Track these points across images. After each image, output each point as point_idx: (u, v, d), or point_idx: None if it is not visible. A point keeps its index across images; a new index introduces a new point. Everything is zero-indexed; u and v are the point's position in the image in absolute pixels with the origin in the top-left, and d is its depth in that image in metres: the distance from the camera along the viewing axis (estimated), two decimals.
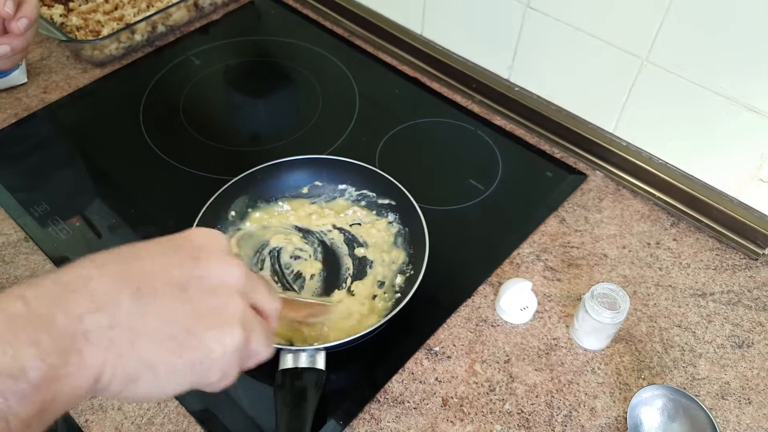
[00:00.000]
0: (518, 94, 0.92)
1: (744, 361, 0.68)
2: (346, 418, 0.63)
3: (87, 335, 0.33)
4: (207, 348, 0.36)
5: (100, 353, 0.33)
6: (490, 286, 0.74)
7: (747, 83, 0.69)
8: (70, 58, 1.01)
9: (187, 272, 0.37)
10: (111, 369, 0.34)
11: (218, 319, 0.37)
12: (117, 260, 0.36)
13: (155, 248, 0.38)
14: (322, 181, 0.80)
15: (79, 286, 0.34)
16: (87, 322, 0.33)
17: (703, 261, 0.77)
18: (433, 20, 0.97)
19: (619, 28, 0.76)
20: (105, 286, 0.34)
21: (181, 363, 0.35)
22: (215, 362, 0.37)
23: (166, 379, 0.35)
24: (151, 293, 0.35)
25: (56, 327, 0.32)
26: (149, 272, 0.36)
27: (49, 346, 0.31)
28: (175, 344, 0.35)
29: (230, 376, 0.39)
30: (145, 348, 0.34)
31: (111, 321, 0.34)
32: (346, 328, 0.68)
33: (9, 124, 0.90)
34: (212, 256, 0.38)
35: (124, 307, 0.34)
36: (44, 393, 0.31)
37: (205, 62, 1.02)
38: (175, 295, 0.36)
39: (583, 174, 0.86)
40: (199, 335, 0.36)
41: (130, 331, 0.34)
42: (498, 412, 0.64)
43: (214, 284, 0.38)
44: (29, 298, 0.32)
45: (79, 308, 0.33)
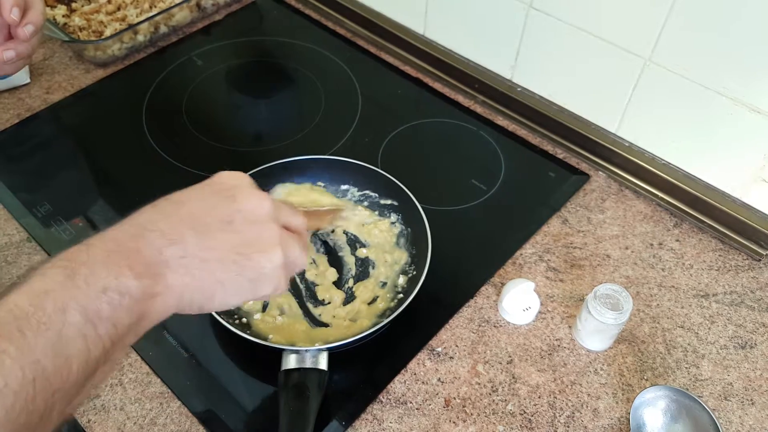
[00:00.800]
0: (521, 94, 0.91)
1: (747, 362, 0.68)
2: (349, 419, 0.63)
3: (167, 263, 0.41)
4: (259, 266, 0.44)
5: (179, 278, 0.41)
6: (493, 287, 0.74)
7: (750, 84, 0.69)
8: (72, 58, 1.02)
9: (228, 209, 0.45)
10: (191, 289, 0.42)
11: (262, 243, 0.45)
12: (170, 207, 0.44)
13: (197, 194, 0.46)
14: (324, 182, 0.80)
15: (151, 227, 0.42)
16: (165, 254, 0.41)
17: (706, 262, 0.77)
18: (435, 20, 0.96)
19: (622, 28, 0.76)
20: (170, 226, 0.42)
21: (242, 279, 0.44)
22: (267, 277, 0.45)
23: (234, 292, 0.44)
24: (206, 229, 0.43)
25: (144, 256, 0.40)
26: (197, 213, 0.44)
27: (142, 270, 0.39)
28: (236, 266, 0.43)
29: (282, 286, 0.46)
30: (214, 270, 0.42)
31: (182, 253, 0.41)
32: (348, 328, 0.68)
33: (12, 124, 0.91)
34: (243, 193, 0.46)
35: (190, 241, 0.42)
36: (141, 306, 0.39)
37: (208, 63, 1.03)
38: (224, 228, 0.44)
39: (586, 174, 0.86)
40: (252, 257, 0.44)
41: (198, 259, 0.42)
42: (501, 413, 0.64)
43: (252, 216, 0.45)
44: (117, 237, 0.41)
45: (157, 243, 0.41)
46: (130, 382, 0.65)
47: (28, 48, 0.67)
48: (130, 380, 0.65)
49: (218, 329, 0.67)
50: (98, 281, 0.37)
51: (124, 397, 0.64)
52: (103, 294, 0.37)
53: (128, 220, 0.43)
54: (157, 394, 0.64)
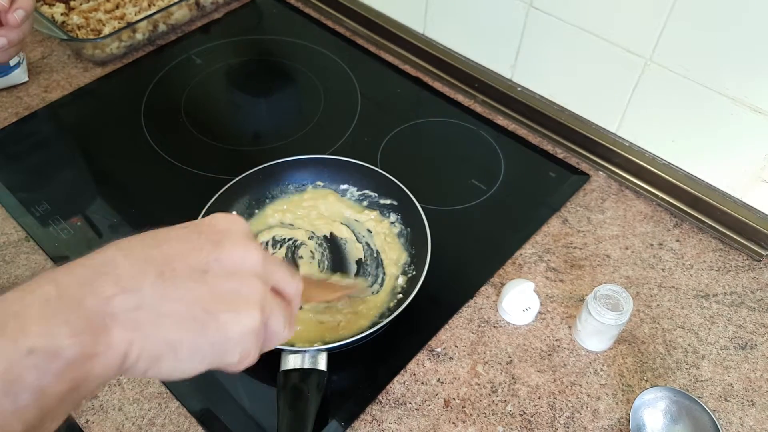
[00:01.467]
0: (521, 93, 0.91)
1: (747, 363, 0.68)
2: (348, 419, 0.62)
3: (114, 316, 0.34)
4: (225, 329, 0.37)
5: (126, 333, 0.35)
6: (493, 287, 0.74)
7: (751, 84, 0.69)
8: (71, 57, 1.01)
9: (206, 256, 0.38)
10: (137, 349, 0.35)
11: (236, 301, 0.38)
12: (141, 245, 0.38)
13: (177, 233, 0.39)
14: (323, 181, 0.80)
15: (106, 270, 0.35)
16: (114, 304, 0.35)
17: (707, 262, 0.77)
18: (435, 19, 0.96)
19: (623, 27, 0.76)
20: (130, 269, 0.36)
21: (201, 343, 0.37)
22: (234, 343, 0.38)
23: (188, 358, 0.37)
24: (173, 276, 0.37)
25: (86, 308, 0.34)
26: (171, 256, 0.37)
27: (81, 326, 0.33)
28: (196, 325, 0.37)
29: (250, 356, 0.39)
30: (168, 329, 0.36)
31: (136, 303, 0.35)
32: (347, 328, 0.68)
33: (10, 123, 0.90)
34: (232, 240, 0.40)
35: (148, 289, 0.36)
36: (77, 371, 0.33)
37: (207, 61, 1.02)
38: (195, 278, 0.37)
39: (586, 174, 0.86)
40: (218, 317, 0.37)
41: (154, 312, 0.36)
42: (500, 414, 0.64)
43: (233, 267, 0.39)
44: (60, 282, 0.34)
45: (107, 291, 0.35)
46: (128, 383, 0.65)
47: (18, 34, 0.65)
48: (128, 380, 0.65)
49: None
50: (25, 340, 0.31)
51: (122, 398, 0.64)
52: (30, 356, 0.31)
53: (92, 254, 0.37)
54: (156, 395, 0.64)
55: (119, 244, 0.37)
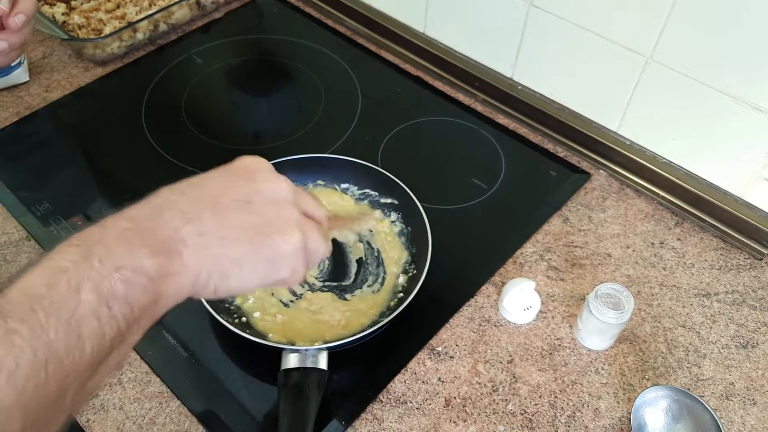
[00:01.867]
0: (521, 92, 0.91)
1: (749, 362, 0.68)
2: (349, 419, 0.62)
3: (184, 242, 0.40)
4: (276, 246, 0.43)
5: (196, 256, 0.40)
6: (493, 286, 0.74)
7: (752, 82, 0.69)
8: (72, 56, 1.01)
9: (247, 189, 0.44)
10: (207, 269, 0.41)
11: (280, 224, 0.44)
12: (188, 187, 0.44)
13: (215, 175, 0.46)
14: (324, 180, 0.80)
15: (169, 206, 0.41)
16: (182, 232, 0.40)
17: (708, 261, 0.76)
18: (435, 18, 0.96)
19: (624, 26, 0.75)
20: (187, 205, 0.42)
21: (259, 259, 0.43)
22: (285, 258, 0.44)
23: (250, 273, 0.43)
24: (224, 209, 0.43)
25: (159, 235, 0.39)
26: (218, 193, 0.43)
27: (158, 249, 0.39)
28: (252, 245, 0.43)
29: (299, 271, 0.45)
30: (231, 249, 0.42)
31: (200, 230, 0.41)
32: (348, 327, 0.68)
33: (11, 122, 0.90)
34: (263, 175, 0.46)
35: (207, 220, 0.41)
36: (157, 286, 0.38)
37: (207, 61, 1.02)
38: (243, 208, 0.43)
39: (587, 173, 0.86)
40: (270, 236, 0.43)
41: (216, 237, 0.41)
42: (501, 413, 0.63)
43: (271, 197, 0.45)
44: (134, 217, 0.40)
45: (174, 222, 0.40)
46: (129, 382, 0.65)
47: (20, 38, 0.66)
48: (130, 379, 0.65)
49: (218, 328, 0.67)
50: (113, 260, 0.37)
51: (123, 397, 0.64)
52: (118, 273, 0.36)
53: (145, 201, 0.42)
54: (157, 394, 0.64)
55: (170, 189, 0.43)
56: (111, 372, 0.38)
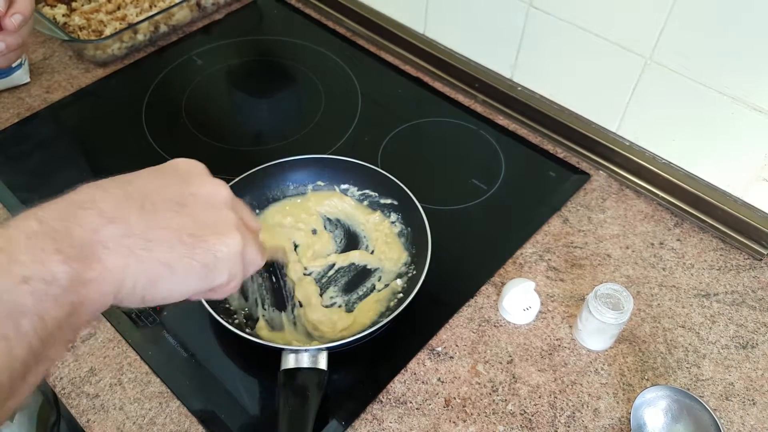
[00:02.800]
0: (521, 93, 0.91)
1: (748, 362, 0.68)
2: (348, 419, 0.62)
3: (105, 244, 0.36)
4: (214, 249, 0.40)
5: (120, 259, 0.36)
6: (493, 286, 0.74)
7: (752, 83, 0.69)
8: (72, 57, 1.01)
9: (180, 191, 0.41)
10: (133, 273, 0.37)
11: (218, 226, 0.41)
12: (114, 183, 0.40)
13: (147, 174, 0.42)
14: (324, 181, 0.80)
15: (87, 205, 0.37)
16: (102, 234, 0.36)
17: (707, 261, 0.77)
18: (435, 19, 0.96)
19: (623, 27, 0.76)
20: (112, 204, 0.37)
21: (193, 263, 0.39)
22: (223, 263, 0.41)
23: (184, 278, 0.39)
24: (154, 209, 0.39)
25: (74, 238, 0.35)
26: (148, 192, 0.40)
27: (72, 253, 0.34)
28: (186, 248, 0.39)
29: (236, 278, 0.43)
30: (162, 252, 0.38)
31: (124, 231, 0.37)
32: (347, 328, 0.68)
33: (11, 123, 0.90)
34: (199, 178, 0.43)
35: (134, 220, 0.38)
36: (73, 296, 0.34)
37: (208, 62, 1.02)
38: (176, 210, 0.40)
39: (587, 174, 0.86)
40: (206, 239, 0.40)
41: (143, 239, 0.37)
42: (501, 413, 0.64)
43: (207, 200, 0.42)
44: (43, 217, 0.35)
45: (93, 222, 0.36)
46: (129, 382, 0.65)
47: (17, 39, 0.65)
48: (130, 380, 0.65)
49: (218, 329, 0.67)
50: (18, 269, 0.32)
51: (123, 397, 0.64)
52: (25, 284, 0.32)
53: (61, 197, 0.37)
54: (157, 394, 0.64)
55: (91, 186, 0.39)
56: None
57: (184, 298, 0.41)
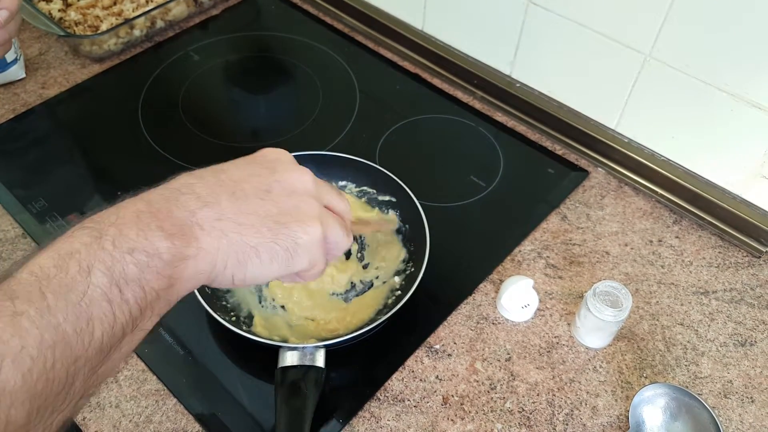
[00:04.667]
0: (520, 90, 0.91)
1: (747, 360, 0.68)
2: (346, 417, 0.62)
3: (201, 225, 0.40)
4: (295, 236, 0.43)
5: (213, 240, 0.40)
6: (491, 284, 0.73)
7: (751, 80, 0.68)
8: (68, 53, 1.01)
9: (267, 179, 0.44)
10: (224, 254, 0.40)
11: (299, 215, 0.44)
12: (208, 173, 0.44)
13: (237, 164, 0.46)
14: (322, 177, 0.79)
15: (186, 190, 0.41)
16: (199, 216, 0.40)
17: (706, 259, 0.76)
18: (434, 16, 0.96)
19: (622, 23, 0.75)
20: (206, 189, 0.42)
21: (277, 247, 0.42)
22: (303, 248, 0.43)
23: (268, 262, 0.42)
24: (243, 195, 0.42)
25: (175, 218, 0.39)
26: (238, 179, 0.43)
27: (173, 231, 0.38)
28: (271, 233, 0.42)
29: (318, 264, 0.45)
30: (249, 235, 0.41)
31: (218, 215, 0.41)
32: (345, 325, 0.68)
33: (7, 119, 0.90)
34: (284, 166, 0.46)
35: (225, 205, 0.41)
36: (172, 270, 0.38)
37: (205, 58, 1.02)
38: (262, 197, 0.43)
39: (585, 171, 0.86)
40: (288, 225, 0.43)
41: (234, 222, 0.41)
42: (499, 411, 0.63)
43: (291, 187, 0.45)
44: (149, 199, 0.40)
45: (191, 205, 0.40)
46: (125, 380, 0.64)
47: (4, 34, 0.65)
48: (126, 377, 0.65)
49: (215, 326, 0.67)
50: (126, 242, 0.36)
51: (119, 395, 0.63)
52: (130, 255, 0.36)
53: (163, 185, 0.42)
54: (153, 392, 0.64)
55: (189, 174, 0.43)
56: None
57: (270, 280, 0.44)
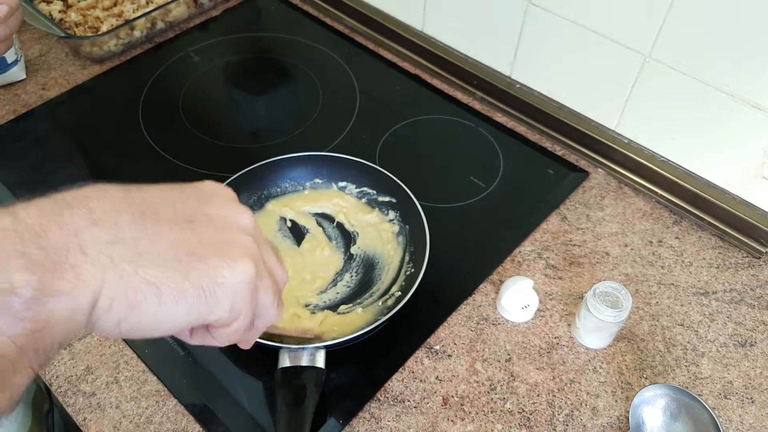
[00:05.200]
0: (520, 90, 0.91)
1: (747, 360, 0.68)
2: (346, 417, 0.62)
3: (84, 249, 0.30)
4: (215, 273, 0.33)
5: (98, 271, 0.30)
6: (491, 285, 0.73)
7: (751, 80, 0.68)
8: (68, 54, 1.01)
9: (194, 208, 0.35)
10: (111, 290, 0.30)
11: (226, 248, 0.34)
12: (118, 189, 0.34)
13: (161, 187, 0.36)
14: (322, 178, 0.80)
15: (76, 203, 0.31)
16: (84, 237, 0.30)
17: (706, 259, 0.76)
18: (434, 16, 0.96)
19: (622, 24, 0.75)
20: (105, 204, 0.32)
21: (187, 285, 0.32)
22: (224, 291, 0.34)
23: (172, 305, 0.32)
24: (155, 218, 0.33)
25: (48, 239, 0.29)
26: (153, 201, 0.34)
27: (40, 258, 0.28)
28: (181, 266, 0.32)
29: (241, 317, 0.35)
30: (148, 268, 0.31)
31: (111, 237, 0.31)
32: (346, 326, 0.68)
33: (7, 120, 0.90)
34: (221, 201, 0.37)
35: (125, 226, 0.32)
36: (36, 310, 0.28)
37: (205, 59, 1.02)
38: (181, 225, 0.34)
39: (585, 171, 0.86)
40: (207, 260, 0.33)
41: (132, 250, 0.31)
42: (499, 412, 0.63)
43: (223, 223, 0.35)
44: (20, 214, 0.30)
45: (75, 222, 0.30)
46: (125, 380, 0.64)
47: (5, 30, 0.64)
48: (126, 378, 0.65)
49: None
50: None
51: (119, 396, 0.63)
52: None
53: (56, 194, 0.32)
54: (153, 392, 0.64)
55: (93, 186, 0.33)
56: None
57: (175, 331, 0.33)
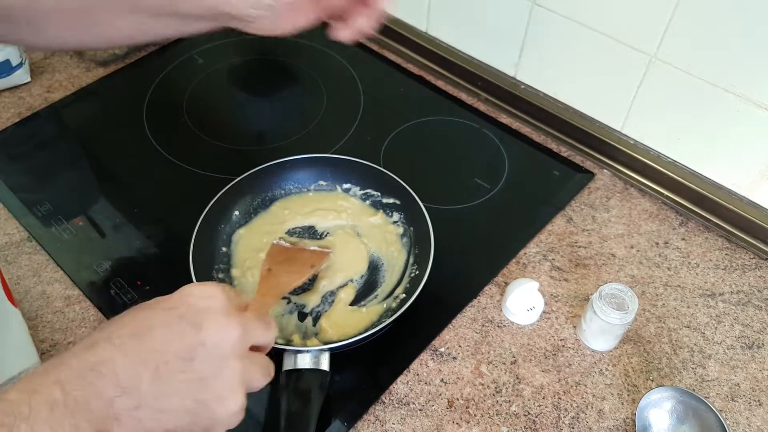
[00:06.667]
0: (524, 91, 0.91)
1: (754, 362, 0.67)
2: (351, 420, 0.62)
3: (118, 417, 0.38)
4: (214, 414, 0.43)
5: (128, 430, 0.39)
6: (497, 287, 0.73)
7: (758, 80, 0.68)
8: (73, 57, 1.01)
9: (191, 341, 0.42)
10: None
11: (221, 387, 0.43)
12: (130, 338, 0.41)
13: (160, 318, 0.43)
14: (326, 180, 0.79)
15: (106, 370, 0.39)
16: (117, 406, 0.38)
17: (713, 261, 0.76)
18: (438, 18, 0.96)
19: (628, 24, 0.75)
20: (127, 368, 0.40)
21: (195, 428, 0.43)
22: (221, 423, 0.44)
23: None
24: (167, 372, 0.41)
25: (91, 411, 0.37)
26: (161, 348, 0.41)
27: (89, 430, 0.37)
28: (191, 416, 0.42)
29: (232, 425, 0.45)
30: (166, 421, 0.41)
31: (136, 403, 0.39)
32: (350, 327, 0.67)
33: (12, 123, 0.90)
34: (211, 319, 0.43)
35: (146, 388, 0.40)
36: None
37: (209, 61, 1.02)
38: (184, 369, 0.41)
39: (591, 173, 0.85)
40: (209, 405, 0.42)
41: (152, 409, 0.40)
42: (504, 414, 0.63)
43: (215, 350, 0.43)
44: (64, 383, 0.37)
45: (109, 392, 0.38)
46: None
47: None
48: None
49: None
50: None
51: None
52: None
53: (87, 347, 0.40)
54: None
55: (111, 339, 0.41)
56: None
57: None
